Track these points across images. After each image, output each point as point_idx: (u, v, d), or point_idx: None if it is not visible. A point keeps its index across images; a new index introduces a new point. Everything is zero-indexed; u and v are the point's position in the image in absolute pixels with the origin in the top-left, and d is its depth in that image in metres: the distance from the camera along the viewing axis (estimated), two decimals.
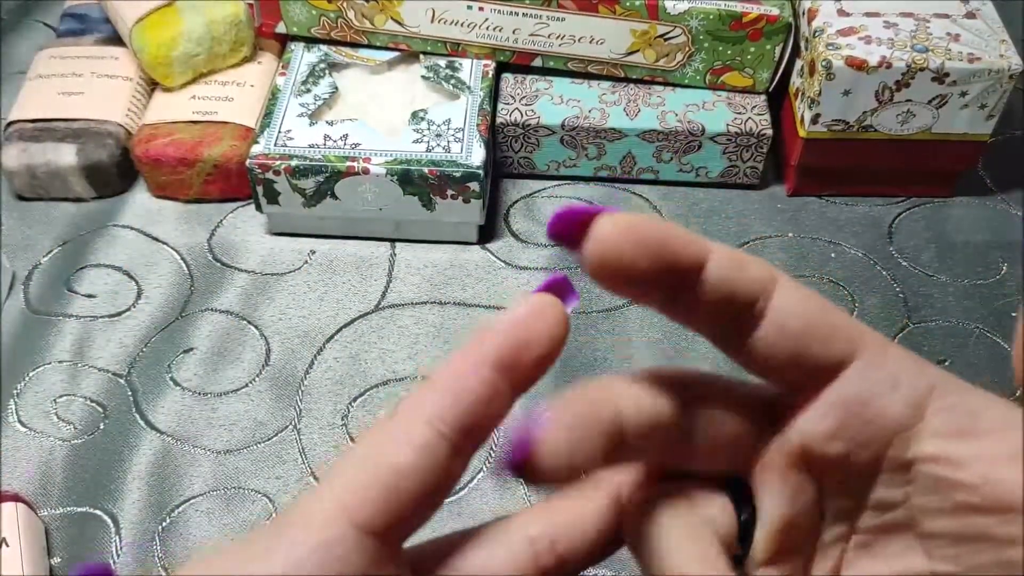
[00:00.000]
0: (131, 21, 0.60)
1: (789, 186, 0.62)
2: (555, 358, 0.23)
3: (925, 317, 0.55)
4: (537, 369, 0.23)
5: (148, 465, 0.49)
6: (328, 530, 0.21)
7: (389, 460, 0.21)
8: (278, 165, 0.55)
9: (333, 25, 0.61)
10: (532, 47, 0.60)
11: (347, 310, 0.55)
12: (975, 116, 0.57)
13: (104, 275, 0.57)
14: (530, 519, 0.24)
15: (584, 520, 0.24)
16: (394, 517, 0.21)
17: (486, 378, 0.22)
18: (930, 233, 0.60)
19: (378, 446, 0.22)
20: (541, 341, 0.22)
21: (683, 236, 0.21)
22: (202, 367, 0.53)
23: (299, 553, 0.21)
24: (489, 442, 0.49)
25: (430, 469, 0.21)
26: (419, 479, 0.21)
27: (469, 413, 0.22)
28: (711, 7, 0.57)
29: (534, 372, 0.23)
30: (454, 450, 0.22)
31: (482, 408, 0.22)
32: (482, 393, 0.22)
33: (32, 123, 0.60)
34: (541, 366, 0.23)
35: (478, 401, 0.22)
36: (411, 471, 0.21)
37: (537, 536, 0.23)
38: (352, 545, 0.21)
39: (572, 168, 0.62)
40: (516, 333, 0.22)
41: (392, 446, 0.21)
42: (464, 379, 0.22)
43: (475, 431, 0.22)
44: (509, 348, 0.22)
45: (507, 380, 0.22)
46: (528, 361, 0.22)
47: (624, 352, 0.53)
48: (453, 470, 0.22)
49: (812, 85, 0.56)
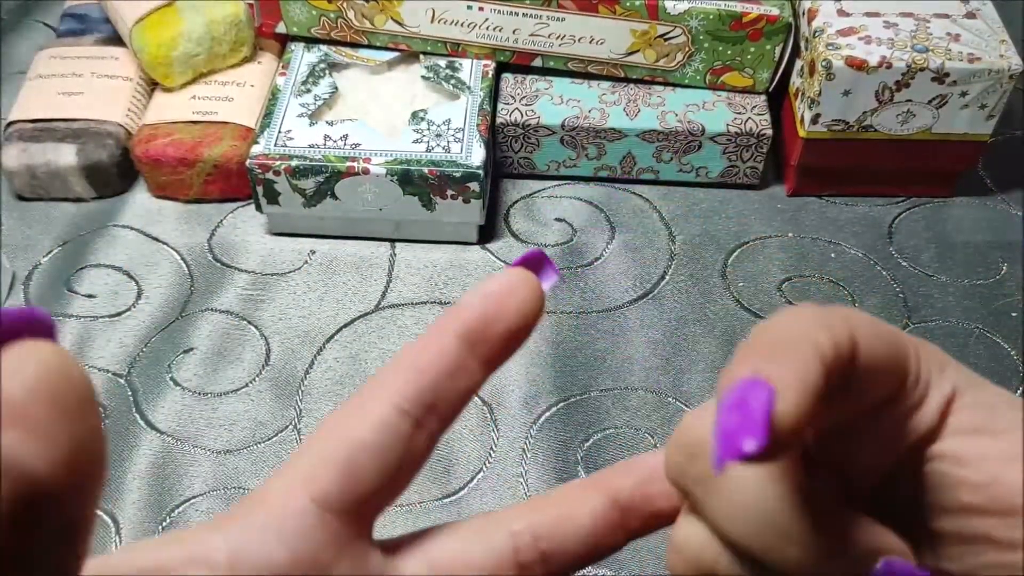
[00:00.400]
0: (131, 21, 0.60)
1: (789, 186, 0.62)
2: (528, 333, 0.22)
3: (925, 317, 0.55)
4: (508, 344, 0.22)
5: (148, 465, 0.49)
6: (287, 504, 0.21)
7: (348, 436, 0.21)
8: (278, 165, 0.55)
9: (333, 25, 0.61)
10: (532, 47, 0.60)
11: (347, 310, 0.55)
12: (975, 116, 0.57)
13: (104, 275, 0.57)
14: (514, 514, 0.24)
15: (574, 519, 0.24)
16: (354, 493, 0.21)
17: (451, 352, 0.22)
18: (930, 233, 0.60)
19: (339, 423, 0.22)
20: (510, 316, 0.22)
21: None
22: (202, 367, 0.53)
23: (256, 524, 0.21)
24: (489, 444, 0.49)
25: (390, 445, 0.21)
26: (379, 455, 0.21)
27: (431, 388, 0.22)
28: (711, 7, 0.57)
29: (504, 346, 0.22)
30: (416, 425, 0.21)
31: (446, 383, 0.22)
32: (445, 367, 0.22)
33: (32, 123, 0.60)
34: (512, 341, 0.22)
35: (441, 375, 0.22)
36: (370, 447, 0.21)
37: (519, 531, 0.23)
38: (311, 520, 0.21)
39: (572, 168, 0.62)
40: (484, 307, 0.22)
41: (352, 422, 0.21)
42: (427, 354, 0.22)
43: (439, 406, 0.22)
44: (476, 322, 0.22)
45: (474, 354, 0.22)
46: (496, 335, 0.22)
47: (624, 352, 0.53)
48: (416, 446, 0.22)
49: (812, 85, 0.56)
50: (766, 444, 0.18)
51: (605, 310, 0.55)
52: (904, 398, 0.22)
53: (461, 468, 0.49)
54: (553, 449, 0.49)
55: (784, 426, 0.18)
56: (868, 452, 0.22)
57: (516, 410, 0.51)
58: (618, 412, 0.51)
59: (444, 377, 0.22)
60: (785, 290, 0.56)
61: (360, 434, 0.21)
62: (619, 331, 0.54)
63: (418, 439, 0.22)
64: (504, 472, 0.49)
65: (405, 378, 0.22)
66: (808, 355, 0.19)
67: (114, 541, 0.46)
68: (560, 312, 0.55)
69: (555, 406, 0.51)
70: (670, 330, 0.54)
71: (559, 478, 0.48)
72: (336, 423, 0.22)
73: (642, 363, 0.53)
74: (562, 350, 0.53)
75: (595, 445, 0.50)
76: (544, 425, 0.50)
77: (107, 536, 0.46)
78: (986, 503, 0.21)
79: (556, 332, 0.54)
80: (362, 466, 0.21)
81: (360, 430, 0.21)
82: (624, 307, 0.56)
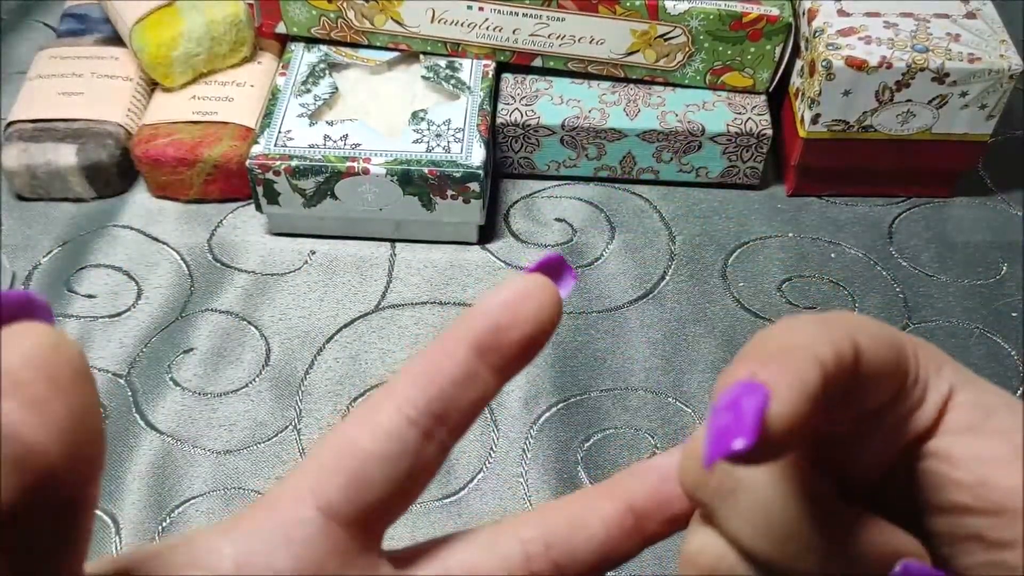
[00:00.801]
0: (131, 21, 0.60)
1: (789, 186, 0.62)
2: (544, 341, 0.22)
3: (925, 317, 0.55)
4: (522, 352, 0.22)
5: (148, 465, 0.49)
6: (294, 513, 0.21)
7: (356, 446, 0.21)
8: (278, 165, 0.55)
9: (333, 25, 0.61)
10: (532, 47, 0.60)
11: (347, 310, 0.55)
12: (975, 116, 0.57)
13: (104, 275, 0.57)
14: (525, 521, 0.23)
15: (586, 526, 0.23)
16: (361, 503, 0.21)
17: (461, 361, 0.21)
18: (930, 233, 0.60)
19: (347, 432, 0.21)
20: (525, 324, 0.21)
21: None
22: (202, 367, 0.53)
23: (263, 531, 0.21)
24: (489, 444, 0.49)
25: (398, 455, 0.21)
26: (386, 465, 0.21)
27: (441, 397, 0.21)
28: (711, 7, 0.57)
29: (519, 355, 0.22)
30: (425, 435, 0.21)
31: (456, 392, 0.21)
32: (455, 376, 0.21)
33: (32, 123, 0.60)
34: (527, 349, 0.22)
35: (451, 385, 0.21)
36: (377, 457, 0.21)
37: (530, 539, 0.23)
38: (316, 530, 0.21)
39: (572, 168, 0.62)
40: (498, 315, 0.21)
41: (360, 432, 0.21)
42: (437, 363, 0.21)
43: (450, 416, 0.21)
44: (489, 330, 0.21)
45: (486, 363, 0.21)
46: (510, 344, 0.21)
47: (624, 352, 0.53)
48: (426, 456, 0.21)
49: (812, 85, 0.56)
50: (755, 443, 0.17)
51: (605, 310, 0.55)
52: (904, 399, 0.22)
53: (461, 468, 0.49)
54: (553, 449, 0.49)
55: (776, 427, 0.18)
56: (869, 453, 0.22)
57: (516, 410, 0.51)
58: (618, 412, 0.51)
59: (454, 387, 0.21)
60: (785, 290, 0.56)
61: (367, 444, 0.21)
62: (619, 331, 0.54)
63: (427, 449, 0.21)
64: (504, 472, 0.49)
65: (414, 387, 0.21)
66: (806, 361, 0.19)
67: (114, 541, 0.46)
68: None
69: (555, 406, 0.51)
70: (670, 330, 0.54)
71: (559, 478, 0.48)
72: (344, 432, 0.21)
73: (642, 363, 0.53)
74: (562, 350, 0.53)
75: (595, 445, 0.50)
76: (544, 425, 0.50)
77: (107, 536, 0.46)
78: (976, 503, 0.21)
79: (556, 332, 0.54)
80: (369, 476, 0.21)
81: (368, 440, 0.21)
82: (624, 307, 0.56)
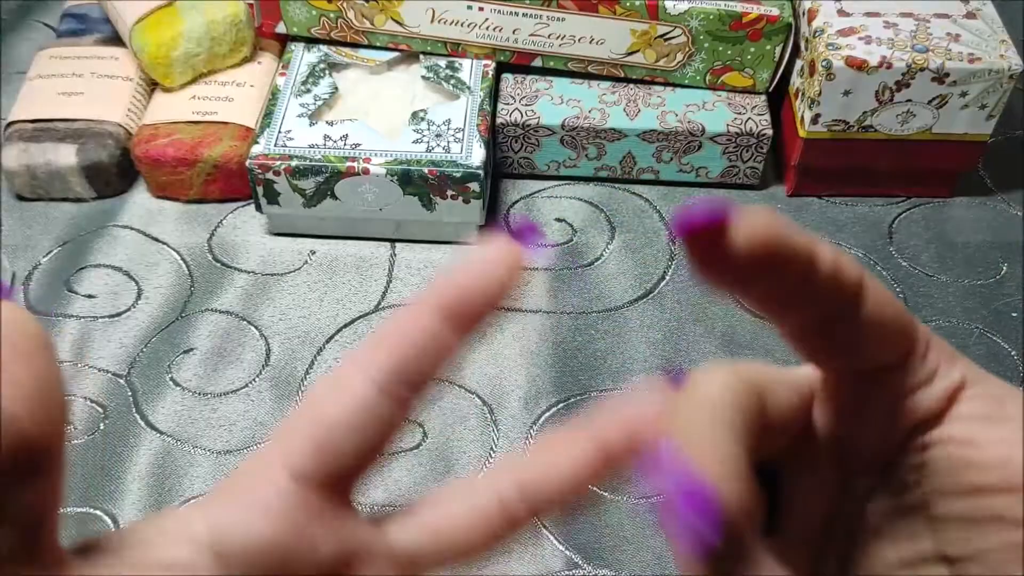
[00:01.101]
0: (131, 21, 0.60)
1: (789, 186, 0.62)
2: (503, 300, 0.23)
3: (925, 317, 0.55)
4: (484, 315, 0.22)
5: (148, 465, 0.49)
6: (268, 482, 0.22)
7: (326, 414, 0.22)
8: (278, 165, 0.55)
9: (333, 25, 0.61)
10: (532, 47, 0.60)
11: (347, 310, 0.55)
12: (975, 116, 0.57)
13: (104, 275, 0.57)
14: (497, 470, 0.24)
15: (558, 466, 0.24)
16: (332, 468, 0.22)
17: (427, 326, 0.22)
18: (930, 233, 0.60)
19: (317, 401, 0.22)
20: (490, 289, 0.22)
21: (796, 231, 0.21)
22: (202, 367, 0.53)
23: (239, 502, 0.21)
24: (489, 444, 0.49)
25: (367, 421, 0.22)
26: (355, 431, 0.22)
27: (407, 362, 0.22)
28: (711, 7, 0.57)
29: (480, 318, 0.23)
30: (392, 399, 0.22)
31: (421, 356, 0.22)
32: (421, 342, 0.22)
33: (32, 123, 0.60)
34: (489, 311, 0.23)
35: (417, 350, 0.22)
36: (346, 424, 0.22)
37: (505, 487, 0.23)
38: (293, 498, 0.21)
39: (572, 168, 0.62)
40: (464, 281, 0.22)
41: (329, 400, 0.22)
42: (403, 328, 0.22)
43: (415, 379, 0.22)
44: (455, 296, 0.22)
45: (451, 327, 0.22)
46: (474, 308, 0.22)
47: (624, 352, 0.53)
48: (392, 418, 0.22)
49: (812, 85, 0.56)
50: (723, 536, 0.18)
51: (605, 310, 0.55)
52: (910, 370, 0.22)
53: (461, 468, 0.49)
54: None
55: (734, 517, 0.19)
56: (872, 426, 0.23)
57: (516, 410, 0.51)
58: None
59: (421, 352, 0.22)
60: None
61: (337, 412, 0.22)
62: (619, 331, 0.54)
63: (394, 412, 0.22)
64: None
65: (382, 354, 0.22)
66: (727, 439, 0.20)
67: None
68: (560, 312, 0.55)
69: (555, 406, 0.51)
70: (670, 330, 0.54)
71: None
72: (314, 401, 0.22)
73: (642, 363, 0.53)
74: (562, 350, 0.53)
75: None
76: (544, 425, 0.50)
77: None
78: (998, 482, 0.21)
79: (556, 332, 0.54)
80: (339, 443, 0.22)
81: (337, 408, 0.22)
82: (624, 307, 0.56)
